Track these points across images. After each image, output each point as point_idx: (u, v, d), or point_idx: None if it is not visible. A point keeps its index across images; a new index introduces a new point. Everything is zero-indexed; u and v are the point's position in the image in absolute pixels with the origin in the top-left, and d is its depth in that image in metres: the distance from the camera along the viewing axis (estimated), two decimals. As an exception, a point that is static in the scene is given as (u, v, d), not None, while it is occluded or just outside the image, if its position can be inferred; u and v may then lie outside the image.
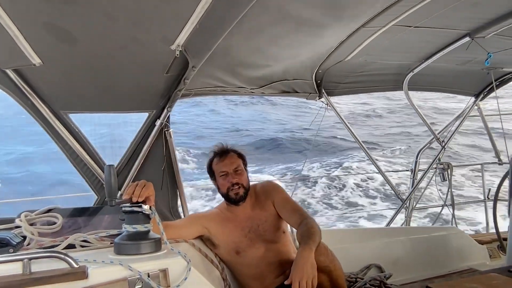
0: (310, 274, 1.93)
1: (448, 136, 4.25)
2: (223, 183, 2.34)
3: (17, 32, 1.67)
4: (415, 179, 4.29)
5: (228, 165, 2.34)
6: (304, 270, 1.93)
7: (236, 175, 2.33)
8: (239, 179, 2.33)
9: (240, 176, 2.34)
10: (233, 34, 1.93)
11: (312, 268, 1.95)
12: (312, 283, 1.92)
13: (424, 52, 3.21)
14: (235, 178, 2.32)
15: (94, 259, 1.49)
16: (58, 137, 2.39)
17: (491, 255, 3.46)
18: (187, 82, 2.29)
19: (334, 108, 3.61)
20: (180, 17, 1.72)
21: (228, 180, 2.32)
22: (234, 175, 2.33)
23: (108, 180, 1.63)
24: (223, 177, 2.34)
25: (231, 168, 2.33)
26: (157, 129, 2.53)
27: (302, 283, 1.91)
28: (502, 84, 4.04)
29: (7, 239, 1.59)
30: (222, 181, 2.35)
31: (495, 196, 3.15)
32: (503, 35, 2.77)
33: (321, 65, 3.08)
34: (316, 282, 1.94)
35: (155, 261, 1.52)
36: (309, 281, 1.92)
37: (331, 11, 2.18)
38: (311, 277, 1.93)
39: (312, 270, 1.94)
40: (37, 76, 2.13)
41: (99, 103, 2.42)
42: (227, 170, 2.33)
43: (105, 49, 1.95)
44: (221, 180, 2.35)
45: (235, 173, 2.33)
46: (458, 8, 2.35)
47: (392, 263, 3.04)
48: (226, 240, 2.33)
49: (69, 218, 2.23)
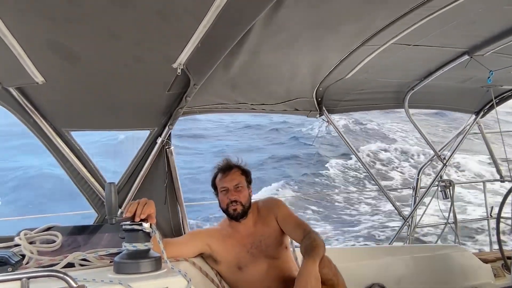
0: (314, 287, 1.91)
1: (449, 154, 4.25)
2: (223, 199, 2.36)
3: (21, 51, 1.69)
4: (417, 197, 4.26)
5: (229, 181, 2.35)
6: (308, 282, 1.91)
7: (236, 192, 2.34)
8: (238, 196, 2.33)
9: (239, 194, 2.34)
10: (234, 52, 1.95)
11: (316, 280, 1.93)
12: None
13: (424, 70, 3.24)
14: (234, 196, 2.33)
15: (94, 278, 1.47)
16: (59, 155, 2.39)
17: (495, 274, 3.41)
18: (189, 99, 2.31)
19: (334, 126, 3.62)
20: (182, 36, 1.74)
21: (228, 196, 2.34)
22: (234, 192, 2.34)
23: (109, 198, 1.62)
24: (223, 193, 2.36)
25: (232, 184, 2.34)
26: (158, 147, 2.53)
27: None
28: (502, 102, 4.05)
29: (6, 258, 1.58)
30: (222, 197, 2.36)
31: (498, 214, 3.12)
32: (502, 53, 2.80)
33: (321, 82, 3.10)
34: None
35: (155, 280, 1.50)
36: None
37: (331, 29, 2.21)
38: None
39: (316, 282, 1.93)
40: (40, 94, 2.14)
41: (101, 120, 2.43)
42: (228, 187, 2.34)
43: (108, 68, 1.97)
44: (222, 195, 2.37)
45: (235, 190, 2.34)
46: (456, 27, 2.38)
47: (395, 282, 3.00)
48: (228, 256, 2.31)
49: (69, 236, 2.21)
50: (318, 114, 3.47)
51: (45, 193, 11.75)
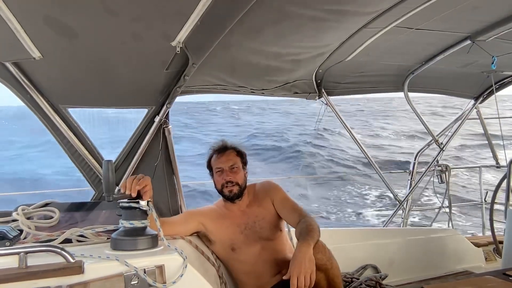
0: (308, 269, 1.93)
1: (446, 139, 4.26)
2: (218, 179, 2.36)
3: (18, 25, 1.67)
4: (412, 181, 4.30)
5: (224, 162, 2.36)
6: (303, 265, 1.93)
7: (231, 173, 2.35)
8: (234, 177, 2.34)
9: (235, 174, 2.35)
10: (233, 32, 1.92)
11: (310, 263, 1.95)
12: (310, 278, 1.93)
13: (425, 54, 3.21)
14: (229, 176, 2.34)
15: (91, 254, 1.49)
16: (57, 131, 2.39)
17: (486, 257, 3.48)
18: (187, 79, 2.29)
19: (333, 108, 3.61)
20: (181, 14, 1.72)
21: (223, 177, 2.34)
22: (229, 172, 2.35)
23: (106, 175, 1.63)
24: (218, 174, 2.37)
25: (227, 165, 2.35)
26: (156, 125, 2.53)
27: (301, 278, 1.91)
28: (502, 87, 4.05)
29: (4, 232, 1.59)
30: (218, 177, 2.37)
31: (492, 199, 3.16)
32: (504, 39, 2.78)
33: (321, 65, 3.08)
34: (314, 277, 1.94)
35: (152, 257, 1.52)
36: (307, 276, 1.92)
37: (332, 11, 2.18)
38: (309, 272, 1.93)
39: (310, 265, 1.95)
40: (37, 70, 2.12)
41: (99, 98, 2.41)
42: (223, 167, 2.35)
43: (106, 44, 1.95)
44: (217, 176, 2.38)
45: (231, 171, 2.35)
46: (459, 11, 2.35)
47: (388, 264, 3.05)
48: (222, 236, 2.33)
49: (66, 213, 2.23)
50: (317, 96, 3.45)
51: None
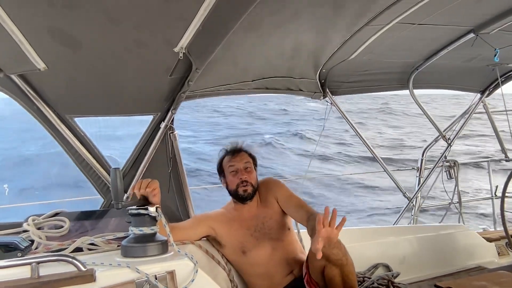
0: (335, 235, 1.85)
1: (454, 134, 4.22)
2: (232, 179, 2.35)
3: (22, 38, 1.68)
4: (421, 177, 4.27)
5: (239, 162, 2.36)
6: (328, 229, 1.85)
7: (246, 173, 2.35)
8: (249, 177, 2.35)
9: (249, 174, 2.36)
10: (235, 32, 1.92)
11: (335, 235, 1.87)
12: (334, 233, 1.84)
13: (429, 50, 3.19)
14: (245, 175, 2.34)
15: (102, 262, 1.49)
16: (64, 141, 2.40)
17: (499, 252, 3.43)
18: (191, 84, 2.29)
19: (338, 107, 3.60)
20: (183, 19, 1.73)
21: (238, 177, 2.34)
22: (244, 172, 2.35)
23: (114, 183, 1.63)
24: (232, 174, 2.36)
25: (241, 165, 2.36)
26: (162, 132, 2.54)
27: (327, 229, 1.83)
28: (508, 80, 4.01)
29: (15, 243, 1.60)
30: (232, 177, 2.36)
31: (503, 193, 3.12)
32: (507, 31, 2.75)
33: (325, 64, 3.07)
34: (337, 237, 1.87)
35: (162, 263, 1.52)
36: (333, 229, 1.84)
37: (334, 9, 2.18)
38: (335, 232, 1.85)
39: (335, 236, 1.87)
40: (42, 81, 2.14)
41: (104, 106, 2.43)
42: (238, 167, 2.35)
43: (109, 53, 1.96)
44: (231, 176, 2.36)
45: (245, 171, 2.35)
46: (461, 4, 2.34)
47: (399, 262, 3.02)
48: (232, 240, 2.33)
49: (76, 222, 2.24)
50: (321, 96, 3.44)
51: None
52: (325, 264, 2.04)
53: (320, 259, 1.97)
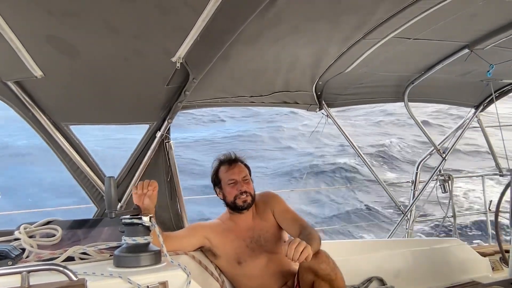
0: (304, 243, 1.87)
1: (448, 148, 4.25)
2: (231, 191, 2.35)
3: (19, 45, 1.69)
4: (415, 191, 4.27)
5: (237, 173, 2.36)
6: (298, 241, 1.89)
7: (245, 184, 2.36)
8: (248, 187, 2.36)
9: (248, 185, 2.37)
10: (232, 43, 1.94)
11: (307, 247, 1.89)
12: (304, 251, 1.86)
13: (424, 64, 3.23)
14: (244, 187, 2.34)
15: (94, 271, 1.48)
16: (59, 149, 2.39)
17: (493, 267, 3.43)
18: (188, 94, 2.30)
19: (334, 120, 3.62)
20: (181, 30, 1.74)
21: (237, 188, 2.34)
22: (243, 183, 2.35)
23: (108, 192, 1.63)
24: (231, 185, 2.35)
25: (240, 176, 2.36)
26: (157, 141, 2.53)
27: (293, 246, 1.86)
28: (502, 96, 4.05)
29: (6, 252, 1.58)
30: (230, 189, 2.35)
31: (497, 207, 3.13)
32: (502, 47, 2.79)
33: (321, 76, 3.09)
34: (310, 252, 1.88)
35: (155, 274, 1.51)
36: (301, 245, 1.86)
37: (331, 22, 2.20)
38: (305, 244, 1.87)
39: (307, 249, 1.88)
40: (39, 88, 2.14)
41: (100, 115, 2.43)
42: (236, 179, 2.35)
43: (106, 62, 1.96)
44: (229, 188, 2.36)
45: (244, 182, 2.36)
46: (456, 20, 2.37)
47: (393, 276, 3.01)
48: (228, 250, 2.31)
49: (69, 230, 2.22)
50: (317, 108, 3.46)
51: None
52: (314, 279, 2.06)
53: (309, 274, 2.01)
